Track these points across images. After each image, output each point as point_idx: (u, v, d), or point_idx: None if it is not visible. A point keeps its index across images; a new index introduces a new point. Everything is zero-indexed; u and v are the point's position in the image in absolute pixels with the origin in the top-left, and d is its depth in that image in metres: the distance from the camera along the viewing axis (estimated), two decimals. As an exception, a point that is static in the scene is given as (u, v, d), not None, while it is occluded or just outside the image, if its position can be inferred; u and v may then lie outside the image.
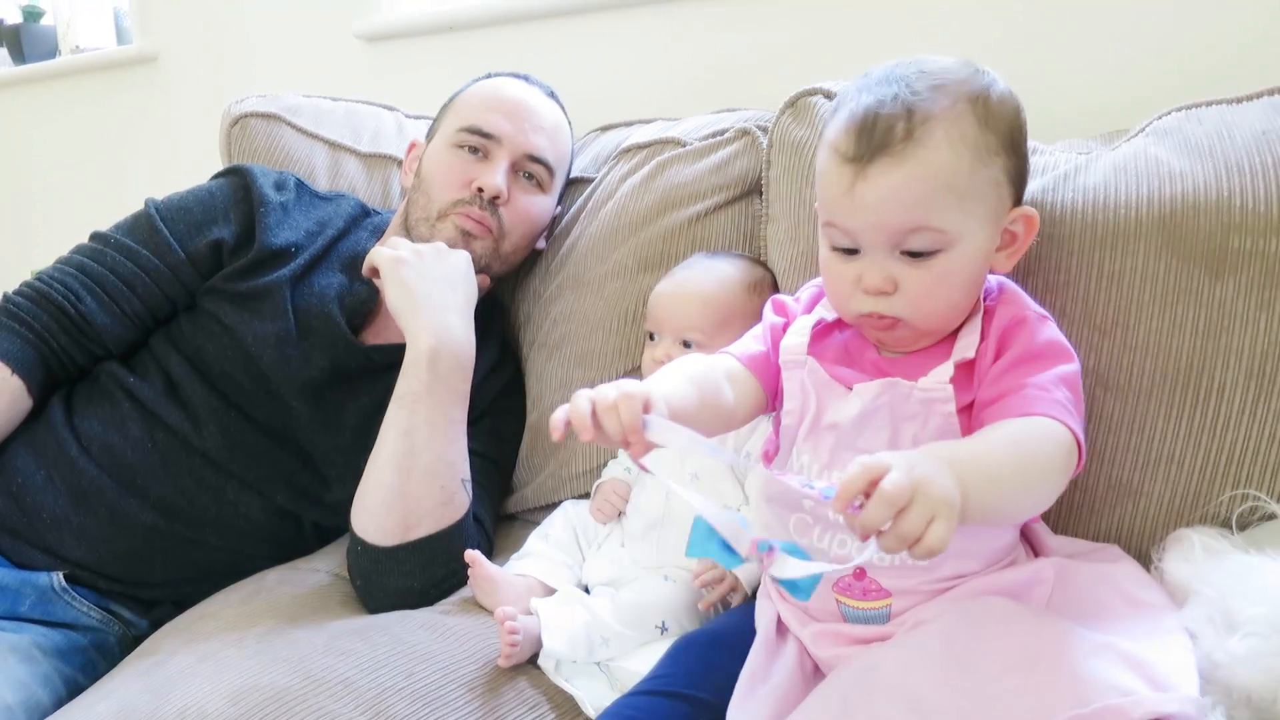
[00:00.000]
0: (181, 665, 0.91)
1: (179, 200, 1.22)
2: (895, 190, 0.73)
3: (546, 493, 1.23)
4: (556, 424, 0.66)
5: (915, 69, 0.75)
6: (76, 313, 1.14)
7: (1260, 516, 0.85)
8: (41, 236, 2.67)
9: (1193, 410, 0.88)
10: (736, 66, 1.53)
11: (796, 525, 0.81)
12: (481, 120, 1.22)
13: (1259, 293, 0.86)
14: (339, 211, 1.27)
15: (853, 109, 0.75)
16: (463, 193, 1.20)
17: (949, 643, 0.69)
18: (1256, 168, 0.88)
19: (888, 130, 0.72)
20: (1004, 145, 0.75)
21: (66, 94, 2.48)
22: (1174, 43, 1.21)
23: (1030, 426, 0.70)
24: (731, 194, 1.22)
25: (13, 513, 1.07)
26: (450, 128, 1.24)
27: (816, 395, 0.80)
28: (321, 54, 1.99)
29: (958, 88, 0.74)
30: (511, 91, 1.26)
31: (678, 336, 1.07)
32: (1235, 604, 0.71)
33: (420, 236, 1.20)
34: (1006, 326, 0.78)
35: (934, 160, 0.72)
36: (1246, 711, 0.69)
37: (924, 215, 0.73)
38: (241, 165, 1.26)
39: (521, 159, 1.22)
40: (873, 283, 0.76)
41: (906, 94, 0.73)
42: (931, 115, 0.73)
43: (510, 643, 0.90)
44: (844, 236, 0.77)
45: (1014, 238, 0.80)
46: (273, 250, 1.17)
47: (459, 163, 1.21)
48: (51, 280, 1.16)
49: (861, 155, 0.73)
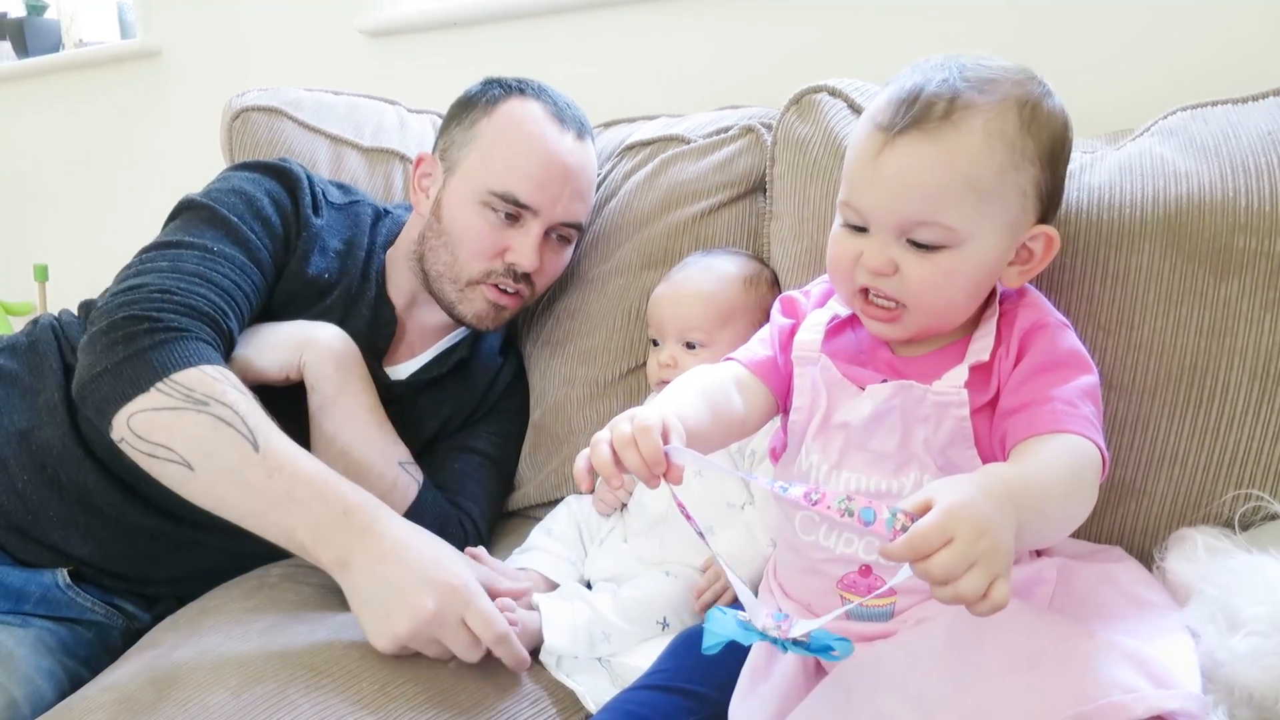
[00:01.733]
0: (184, 658, 0.91)
1: (246, 207, 1.10)
2: (917, 168, 0.72)
3: (550, 489, 1.23)
4: (581, 475, 0.67)
5: (973, 60, 0.75)
6: (226, 329, 1.01)
7: (1263, 516, 0.86)
8: (43, 230, 2.67)
9: (1196, 410, 0.88)
10: (741, 63, 1.53)
11: (802, 523, 0.80)
12: (517, 189, 1.12)
13: (1264, 293, 0.86)
14: (359, 225, 1.21)
15: (900, 84, 0.75)
16: (494, 263, 1.14)
17: (952, 640, 0.69)
18: (1262, 168, 0.88)
19: (928, 107, 0.72)
20: (1041, 155, 0.74)
21: (70, 88, 2.48)
22: (1180, 44, 1.21)
23: (1070, 451, 0.69)
24: (735, 191, 1.22)
25: (18, 510, 1.06)
26: (478, 180, 1.13)
27: (828, 393, 0.80)
28: (324, 49, 1.99)
29: (1010, 88, 0.73)
30: (549, 147, 1.14)
31: (680, 339, 1.07)
32: (1237, 603, 0.71)
33: (443, 294, 1.17)
34: (1027, 330, 0.77)
35: (964, 147, 0.71)
36: (1249, 710, 0.69)
37: (937, 209, 0.72)
38: (291, 170, 1.16)
39: (556, 225, 1.17)
40: (873, 262, 0.75)
41: (956, 79, 0.73)
42: (974, 104, 0.72)
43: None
44: (856, 215, 0.76)
45: (1030, 255, 0.78)
46: (306, 280, 1.13)
47: (489, 229, 1.13)
48: (188, 293, 0.99)
49: (894, 125, 0.72)
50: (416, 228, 1.20)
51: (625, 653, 0.94)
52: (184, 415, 0.90)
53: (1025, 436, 0.71)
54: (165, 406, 0.91)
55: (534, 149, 1.13)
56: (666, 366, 1.07)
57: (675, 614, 0.97)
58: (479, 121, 1.16)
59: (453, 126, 1.20)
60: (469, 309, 1.17)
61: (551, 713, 0.89)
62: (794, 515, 0.81)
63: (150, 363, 0.92)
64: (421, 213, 1.20)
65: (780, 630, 0.62)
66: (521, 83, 1.19)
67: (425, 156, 1.22)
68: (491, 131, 1.15)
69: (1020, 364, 0.75)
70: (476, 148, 1.15)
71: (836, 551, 0.77)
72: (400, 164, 1.46)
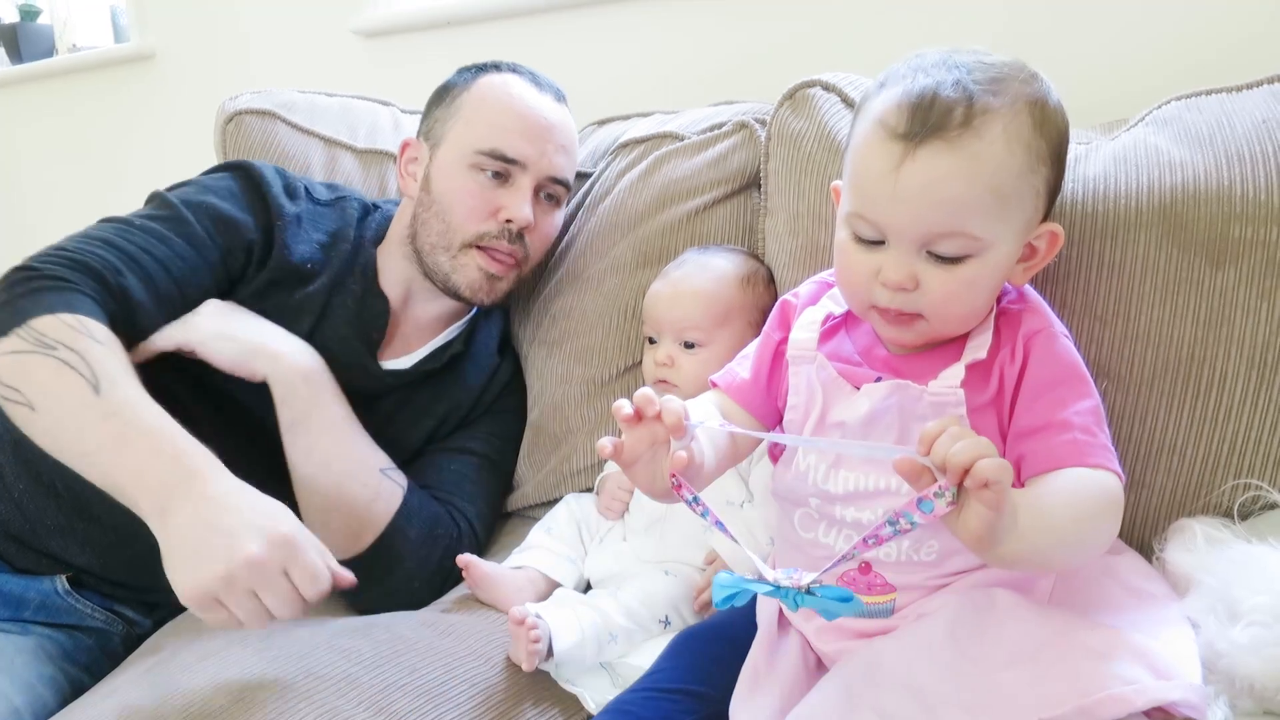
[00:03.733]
0: (184, 663, 0.91)
1: (197, 194, 1.12)
2: (942, 179, 0.69)
3: (548, 489, 1.23)
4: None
5: (974, 59, 0.72)
6: (116, 285, 1.01)
7: (1262, 506, 0.86)
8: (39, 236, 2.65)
9: (1194, 400, 0.88)
10: (735, 59, 1.53)
11: (801, 521, 0.80)
12: (503, 144, 1.14)
13: (1260, 282, 0.86)
14: (345, 219, 1.21)
15: (908, 87, 0.71)
16: (488, 224, 1.14)
17: (953, 633, 0.69)
18: (1257, 156, 0.87)
19: (946, 113, 0.69)
20: (1051, 154, 0.73)
21: (64, 92, 2.47)
22: (1173, 33, 1.21)
23: (1086, 483, 0.69)
24: (730, 188, 1.22)
25: (15, 519, 1.06)
26: (464, 144, 1.15)
27: (823, 392, 0.80)
28: (319, 50, 1.99)
29: (1019, 87, 0.71)
30: (529, 105, 1.17)
31: (677, 337, 1.07)
32: (1237, 593, 0.71)
33: (437, 266, 1.16)
34: (1030, 335, 0.75)
35: (988, 155, 0.69)
36: (1249, 700, 0.69)
37: (963, 220, 0.70)
38: (248, 164, 1.18)
39: (544, 181, 1.17)
40: (894, 278, 0.72)
41: (968, 81, 0.70)
42: (991, 108, 0.69)
43: (533, 641, 0.88)
44: (871, 228, 0.73)
45: (1034, 252, 0.77)
46: (290, 267, 1.12)
47: (479, 189, 1.14)
48: (81, 250, 1.01)
49: (914, 133, 0.69)
50: (408, 212, 1.21)
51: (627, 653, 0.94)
52: (32, 358, 0.91)
53: (1046, 469, 0.70)
54: (18, 350, 0.92)
55: (515, 107, 1.16)
56: (663, 365, 1.07)
57: (676, 612, 0.97)
58: (459, 97, 1.19)
59: (434, 109, 1.22)
60: (463, 278, 1.16)
61: (553, 713, 0.88)
62: (793, 513, 0.81)
63: (16, 309, 0.94)
64: (410, 194, 1.21)
65: (792, 580, 0.61)
66: (495, 62, 1.22)
67: (410, 142, 1.23)
68: (473, 101, 1.18)
69: (1028, 372, 0.74)
70: (461, 117, 1.17)
71: (836, 549, 0.77)
72: (394, 165, 1.46)
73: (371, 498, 1.04)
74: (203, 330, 1.04)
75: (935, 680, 0.67)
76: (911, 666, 0.69)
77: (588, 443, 1.20)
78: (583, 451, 1.20)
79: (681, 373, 1.06)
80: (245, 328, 1.07)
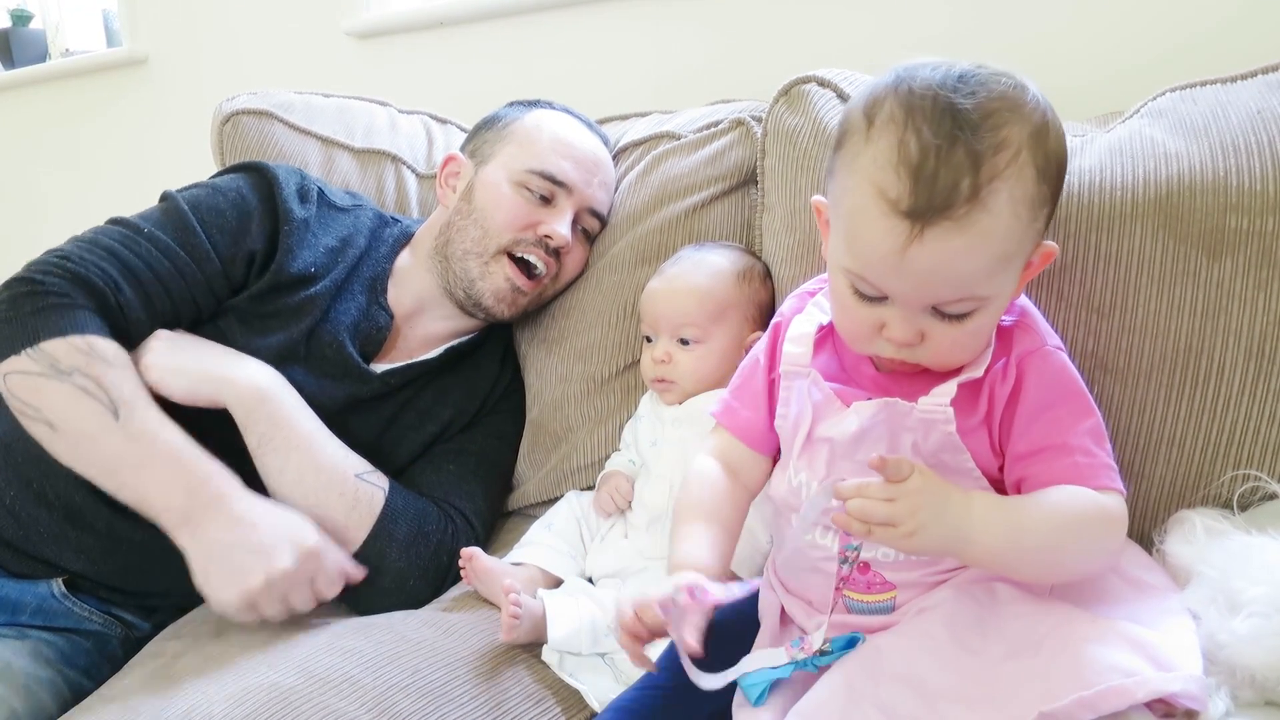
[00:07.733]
0: (186, 667, 0.92)
1: (208, 199, 1.12)
2: (951, 260, 0.66)
3: (549, 487, 1.23)
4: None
5: (968, 97, 0.66)
6: (116, 303, 1.03)
7: (1261, 496, 0.85)
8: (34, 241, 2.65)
9: (1192, 391, 0.88)
10: (730, 57, 1.53)
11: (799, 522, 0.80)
12: (554, 167, 1.18)
13: (1257, 272, 0.86)
14: (358, 226, 1.21)
15: (906, 148, 0.66)
16: (525, 234, 1.18)
17: (953, 627, 0.69)
18: (1252, 147, 0.87)
19: (951, 188, 0.65)
20: (1053, 192, 0.71)
21: (57, 97, 2.47)
22: (1168, 25, 1.21)
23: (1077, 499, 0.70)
24: (727, 185, 1.22)
25: (9, 526, 1.05)
26: (515, 163, 1.19)
27: (813, 407, 0.79)
28: (312, 53, 1.99)
29: (1020, 127, 0.67)
30: (581, 137, 1.24)
31: (674, 334, 1.07)
32: (1238, 584, 0.71)
33: (465, 272, 1.18)
34: (1024, 356, 0.75)
35: (995, 228, 0.66)
36: (1250, 691, 0.69)
37: (972, 288, 0.69)
38: (264, 165, 1.17)
39: (583, 211, 1.22)
40: (899, 336, 0.71)
41: (969, 138, 0.65)
42: (997, 173, 0.65)
43: (511, 614, 0.91)
44: (873, 289, 0.71)
45: (1028, 266, 0.75)
46: (292, 274, 1.12)
47: (524, 204, 1.18)
48: (84, 262, 1.02)
49: (919, 212, 0.65)
50: (439, 221, 1.23)
51: (629, 649, 0.94)
52: (48, 383, 0.96)
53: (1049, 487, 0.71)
54: (33, 371, 0.96)
55: (568, 138, 1.23)
56: (661, 363, 1.07)
57: (677, 609, 0.97)
58: (511, 125, 1.25)
59: (482, 132, 1.27)
60: (489, 285, 1.18)
61: (555, 712, 0.89)
62: (790, 515, 0.81)
63: (25, 327, 0.97)
64: (447, 205, 1.24)
65: (805, 649, 0.70)
66: (548, 101, 1.29)
67: (454, 156, 1.27)
68: (527, 128, 1.24)
69: (1024, 394, 0.74)
70: (514, 140, 1.22)
71: (834, 550, 0.77)
72: (392, 165, 1.46)
73: (350, 505, 1.04)
74: (155, 368, 1.02)
75: (936, 674, 0.67)
76: (912, 660, 0.69)
77: (588, 440, 1.20)
78: (583, 449, 1.20)
79: (679, 369, 1.06)
80: (194, 358, 1.05)
